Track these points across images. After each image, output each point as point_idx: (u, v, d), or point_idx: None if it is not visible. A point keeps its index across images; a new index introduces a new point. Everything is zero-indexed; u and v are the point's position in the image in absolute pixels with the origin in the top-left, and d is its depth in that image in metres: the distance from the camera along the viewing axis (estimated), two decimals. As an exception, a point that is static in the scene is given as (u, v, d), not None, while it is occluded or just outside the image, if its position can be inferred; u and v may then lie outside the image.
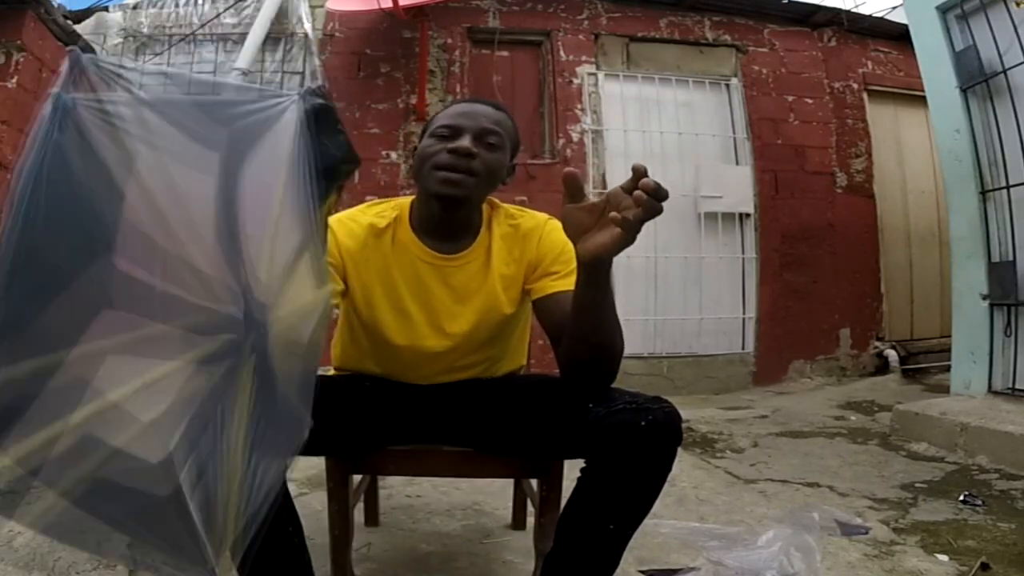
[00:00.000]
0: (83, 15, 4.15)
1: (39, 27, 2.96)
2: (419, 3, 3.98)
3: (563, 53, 4.34)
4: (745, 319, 4.33)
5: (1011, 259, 2.91)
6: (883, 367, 4.50)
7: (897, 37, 4.71)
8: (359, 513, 1.65)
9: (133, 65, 0.55)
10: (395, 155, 4.13)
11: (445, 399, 1.24)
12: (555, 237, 1.22)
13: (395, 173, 4.11)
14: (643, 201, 0.86)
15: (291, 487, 1.06)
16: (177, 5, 4.20)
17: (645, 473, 0.99)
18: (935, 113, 3.27)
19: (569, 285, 1.09)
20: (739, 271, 4.36)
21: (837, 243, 4.52)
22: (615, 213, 0.89)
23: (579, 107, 4.28)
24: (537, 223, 1.26)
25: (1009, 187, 2.91)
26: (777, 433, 3.04)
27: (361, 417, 1.19)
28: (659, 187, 0.86)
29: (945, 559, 1.59)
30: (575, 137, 4.24)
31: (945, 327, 3.89)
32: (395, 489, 2.06)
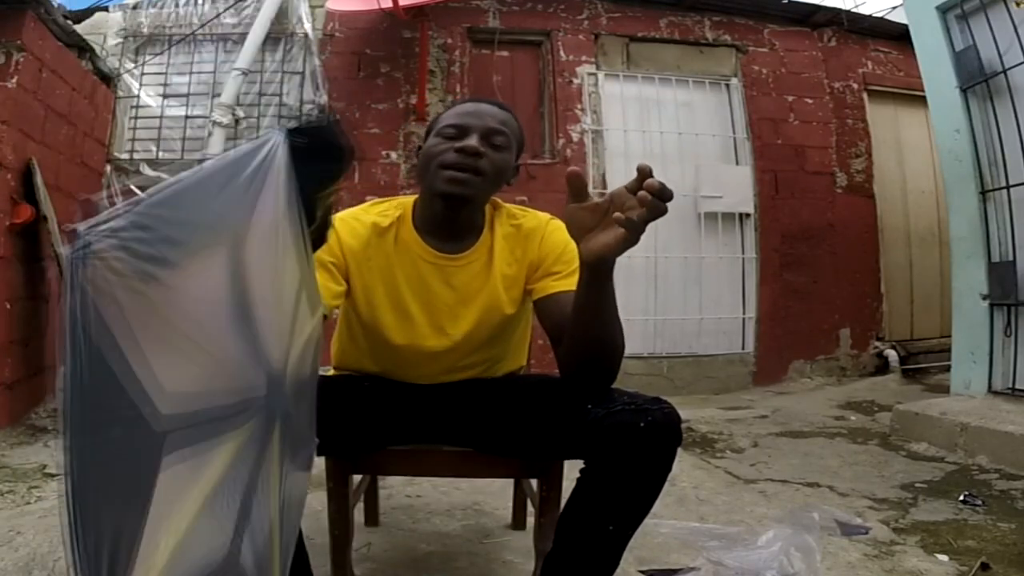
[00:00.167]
0: (83, 15, 4.15)
1: (39, 27, 2.96)
2: (419, 3, 3.98)
3: (563, 53, 4.34)
4: (745, 319, 4.33)
5: (1011, 259, 2.91)
6: (883, 367, 4.50)
7: (897, 37, 4.70)
8: (359, 513, 1.65)
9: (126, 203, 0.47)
10: (395, 155, 4.13)
11: (445, 399, 1.24)
12: (557, 237, 1.22)
13: (395, 173, 4.11)
14: (648, 201, 0.86)
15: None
16: (177, 5, 4.20)
17: (644, 474, 0.99)
18: (935, 113, 3.27)
19: (570, 285, 1.09)
20: (739, 271, 4.36)
21: (837, 243, 4.52)
22: (619, 213, 0.88)
23: (579, 107, 4.28)
24: (539, 223, 1.25)
25: (1009, 187, 2.92)
26: (777, 433, 3.04)
27: (361, 417, 1.19)
28: (664, 187, 0.86)
29: (945, 559, 1.59)
30: (575, 137, 4.24)
31: (945, 327, 3.89)
32: (395, 489, 2.06)
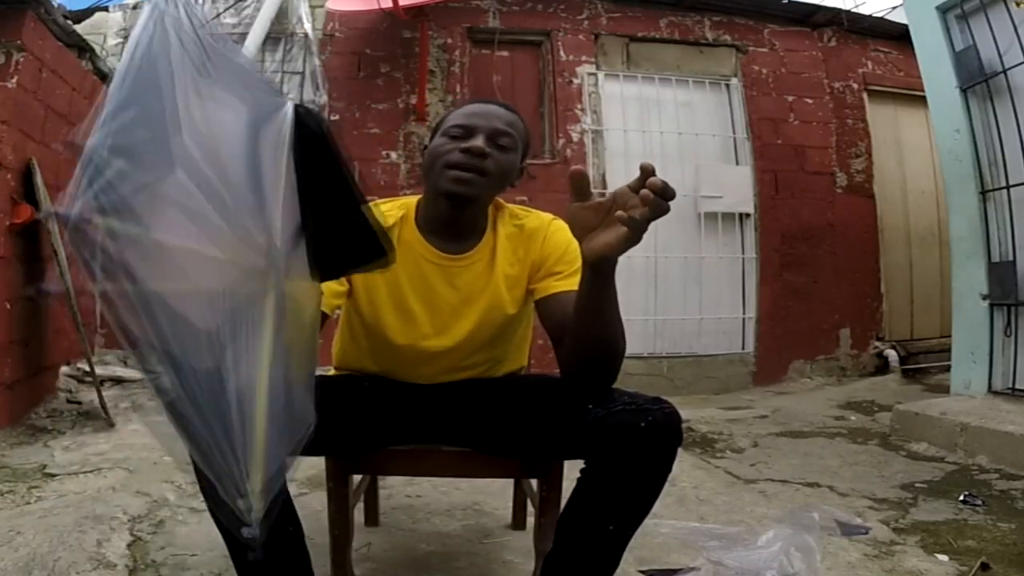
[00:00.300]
0: (83, 15, 4.15)
1: (39, 27, 2.95)
2: (419, 3, 3.98)
3: (563, 53, 4.34)
4: (745, 319, 4.33)
5: (1011, 259, 2.91)
6: (883, 367, 4.50)
7: (897, 37, 4.71)
8: (359, 513, 1.65)
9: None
10: (395, 155, 4.13)
11: (445, 399, 1.24)
12: (559, 237, 1.22)
13: (395, 173, 4.11)
14: (650, 200, 0.86)
15: (291, 487, 1.06)
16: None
17: (645, 474, 0.99)
18: (935, 113, 3.27)
19: (572, 285, 1.10)
20: (739, 271, 4.36)
21: (837, 243, 4.52)
22: (621, 212, 0.89)
23: (579, 107, 4.28)
24: (542, 223, 1.25)
25: (1009, 187, 2.92)
26: (777, 433, 3.04)
27: (361, 417, 1.19)
28: (667, 186, 0.86)
29: (945, 559, 1.59)
30: (575, 137, 4.24)
31: (945, 327, 3.89)
32: (395, 489, 2.06)
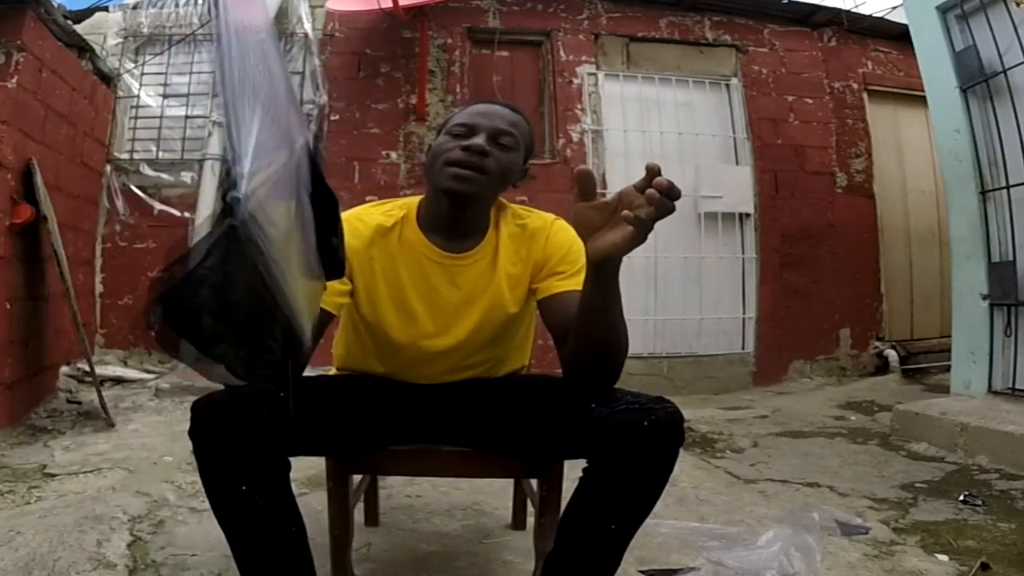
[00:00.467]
0: (83, 15, 4.15)
1: (39, 27, 2.96)
2: (419, 3, 3.98)
3: (563, 53, 4.34)
4: (745, 319, 4.33)
5: (1011, 259, 2.91)
6: (883, 367, 4.49)
7: (897, 37, 4.70)
8: (359, 513, 1.65)
9: None
10: (395, 155, 4.13)
11: (446, 399, 1.24)
12: (562, 237, 1.22)
13: (395, 173, 4.11)
14: (656, 199, 0.86)
15: (292, 487, 1.06)
16: (177, 5, 4.20)
17: (647, 473, 1.00)
18: (935, 113, 3.27)
19: (575, 285, 1.10)
20: (739, 271, 4.36)
21: (837, 243, 4.52)
22: (627, 212, 0.89)
23: (579, 107, 4.28)
24: (544, 223, 1.26)
25: (1009, 187, 2.91)
26: (777, 433, 3.04)
27: (362, 417, 1.19)
28: (672, 186, 0.86)
29: (945, 559, 1.59)
30: (575, 137, 4.24)
31: (945, 327, 3.89)
32: (395, 489, 2.06)
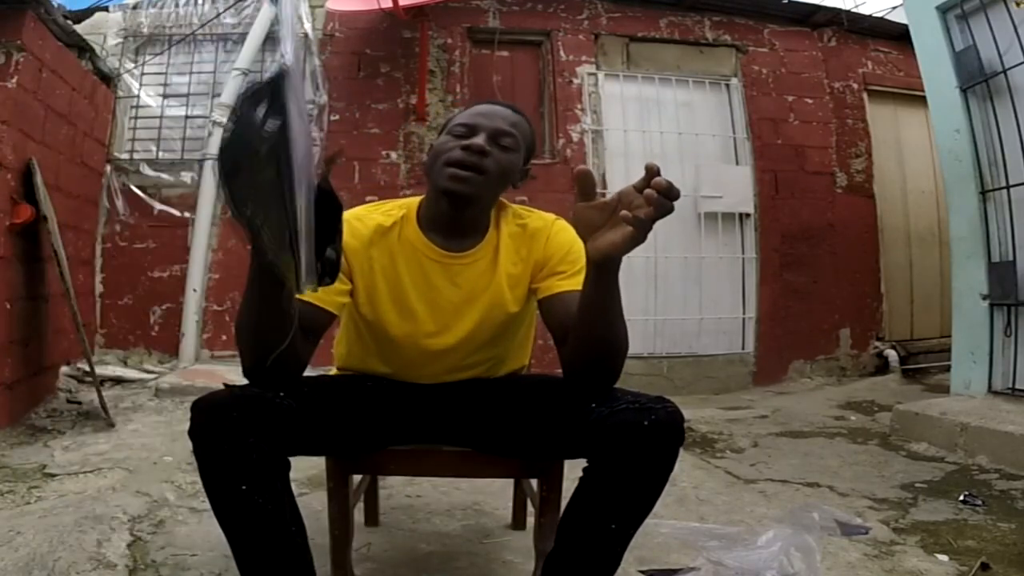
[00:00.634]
0: (83, 15, 4.15)
1: (39, 27, 2.96)
2: (419, 3, 3.98)
3: (563, 53, 4.34)
4: (745, 319, 4.33)
5: (1011, 259, 2.91)
6: (883, 367, 4.49)
7: (897, 37, 4.70)
8: (359, 513, 1.65)
9: None
10: (395, 155, 4.13)
11: (446, 399, 1.24)
12: (562, 237, 1.22)
13: (395, 173, 4.11)
14: (655, 200, 0.87)
15: (291, 487, 1.06)
16: (177, 5, 4.20)
17: (648, 473, 1.00)
18: (935, 113, 3.27)
19: (575, 285, 1.10)
20: (739, 271, 4.36)
21: (837, 243, 4.52)
22: (626, 212, 0.89)
23: (579, 107, 4.28)
24: (545, 223, 1.26)
25: (1009, 187, 2.91)
26: (777, 433, 3.04)
27: (362, 417, 1.19)
28: (671, 186, 0.87)
29: (945, 559, 1.59)
30: (575, 137, 4.24)
31: (945, 327, 3.89)
32: (395, 489, 2.06)
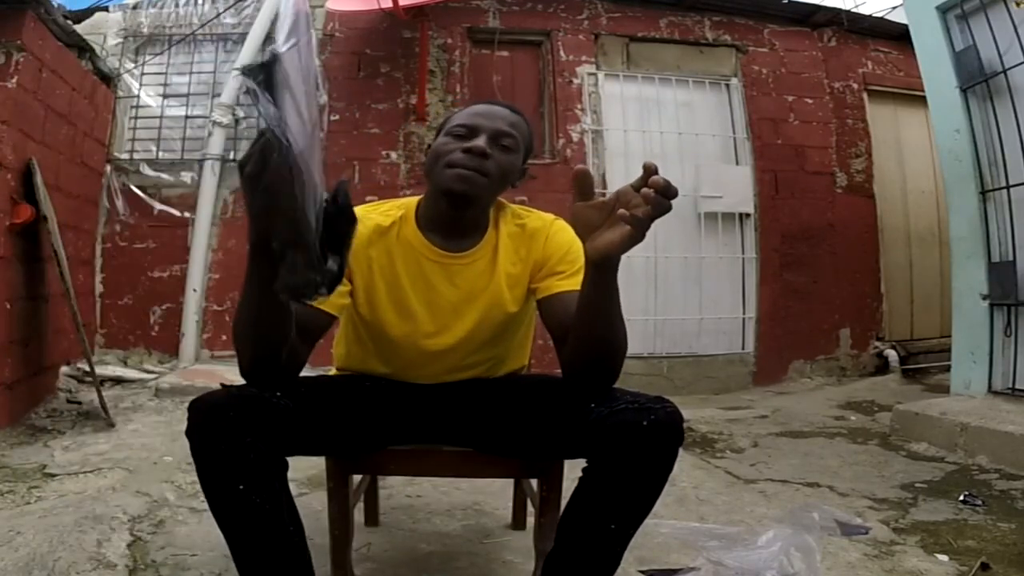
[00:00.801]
0: (83, 15, 4.15)
1: (39, 27, 2.96)
2: (419, 3, 3.98)
3: (563, 53, 4.34)
4: (745, 319, 4.32)
5: (1011, 259, 2.91)
6: (883, 367, 4.49)
7: (897, 37, 4.70)
8: (359, 513, 1.65)
9: None
10: (395, 155, 4.13)
11: (446, 399, 1.24)
12: (561, 237, 1.22)
13: (395, 173, 4.11)
14: (652, 199, 0.87)
15: (291, 487, 1.06)
16: (177, 5, 4.20)
17: (647, 473, 1.00)
18: (935, 113, 3.27)
19: (574, 285, 1.10)
20: (739, 271, 4.36)
21: (837, 243, 4.52)
22: (623, 211, 0.90)
23: (579, 107, 4.28)
24: (544, 223, 1.26)
25: (1009, 187, 2.91)
26: (777, 433, 3.04)
27: (362, 417, 1.19)
28: (669, 185, 0.87)
29: (945, 559, 1.59)
30: (575, 137, 4.24)
31: (945, 327, 3.89)
32: (395, 489, 2.06)
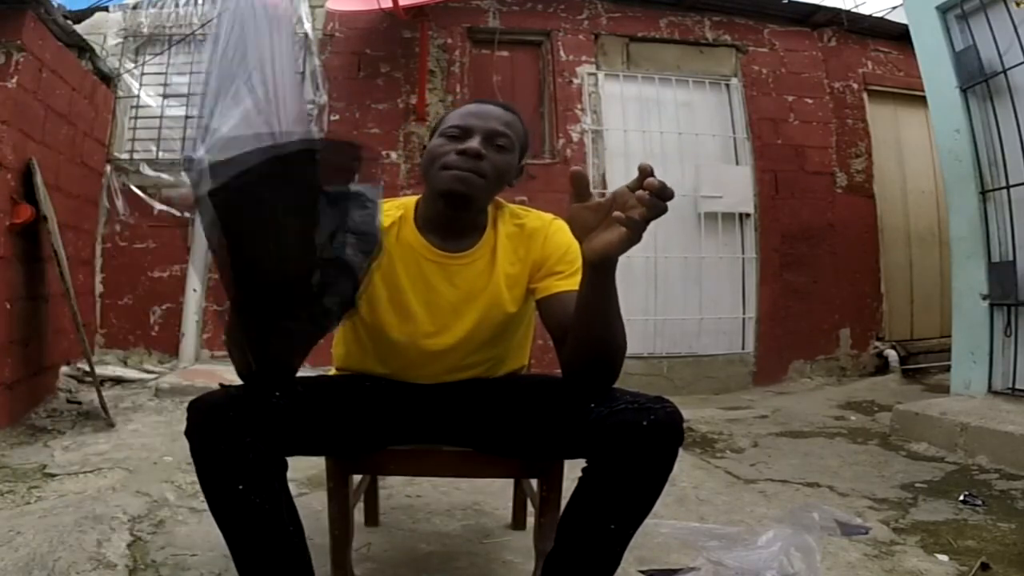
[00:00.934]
0: (83, 15, 4.15)
1: (39, 27, 2.96)
2: (419, 3, 3.98)
3: (563, 53, 4.34)
4: (745, 319, 4.33)
5: (1011, 259, 2.91)
6: (883, 367, 4.49)
7: (897, 37, 4.70)
8: (359, 513, 1.65)
9: None
10: (395, 155, 4.13)
11: (446, 399, 1.24)
12: (560, 237, 1.22)
13: (395, 173, 4.11)
14: (647, 201, 0.86)
15: (291, 487, 1.06)
16: (177, 5, 4.20)
17: (647, 473, 1.00)
18: (935, 113, 3.27)
19: (573, 285, 1.10)
20: (739, 271, 4.36)
21: (837, 243, 4.52)
22: (619, 213, 0.89)
23: (579, 107, 4.28)
24: (543, 223, 1.26)
25: (1009, 187, 2.92)
26: (777, 433, 3.04)
27: (362, 417, 1.19)
28: (664, 187, 0.86)
29: (945, 559, 1.59)
30: (575, 137, 4.24)
31: (945, 327, 3.89)
32: (395, 489, 2.06)
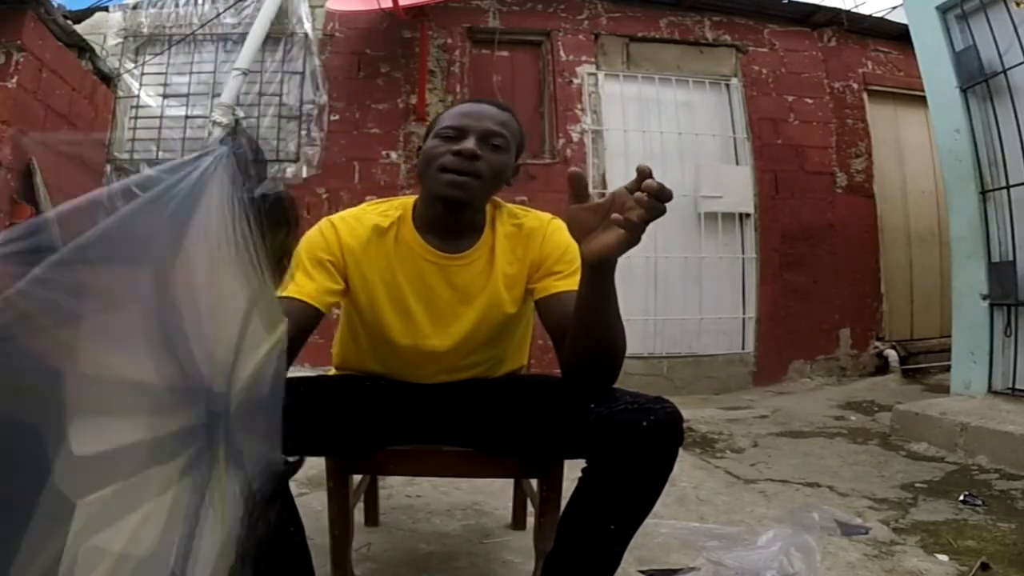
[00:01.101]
0: (83, 15, 4.15)
1: (39, 27, 2.96)
2: (419, 3, 3.98)
3: (563, 53, 4.34)
4: (745, 319, 4.33)
5: (1011, 259, 2.91)
6: (883, 367, 4.49)
7: (897, 37, 4.71)
8: (359, 513, 1.65)
9: None
10: (395, 155, 4.13)
11: (445, 399, 1.24)
12: (558, 237, 1.22)
13: (395, 173, 4.11)
14: (645, 202, 0.86)
15: (291, 487, 1.06)
16: (177, 5, 4.20)
17: (647, 473, 1.00)
18: (935, 113, 3.27)
19: (572, 285, 1.10)
20: (739, 271, 4.36)
21: (837, 243, 4.52)
22: (617, 214, 0.89)
23: (579, 107, 4.28)
24: (541, 223, 1.25)
25: (1009, 187, 2.91)
26: (777, 433, 3.04)
27: (361, 417, 1.19)
28: (663, 188, 0.86)
29: (945, 559, 1.59)
30: (575, 137, 4.24)
31: (945, 327, 3.89)
32: (395, 489, 2.06)
